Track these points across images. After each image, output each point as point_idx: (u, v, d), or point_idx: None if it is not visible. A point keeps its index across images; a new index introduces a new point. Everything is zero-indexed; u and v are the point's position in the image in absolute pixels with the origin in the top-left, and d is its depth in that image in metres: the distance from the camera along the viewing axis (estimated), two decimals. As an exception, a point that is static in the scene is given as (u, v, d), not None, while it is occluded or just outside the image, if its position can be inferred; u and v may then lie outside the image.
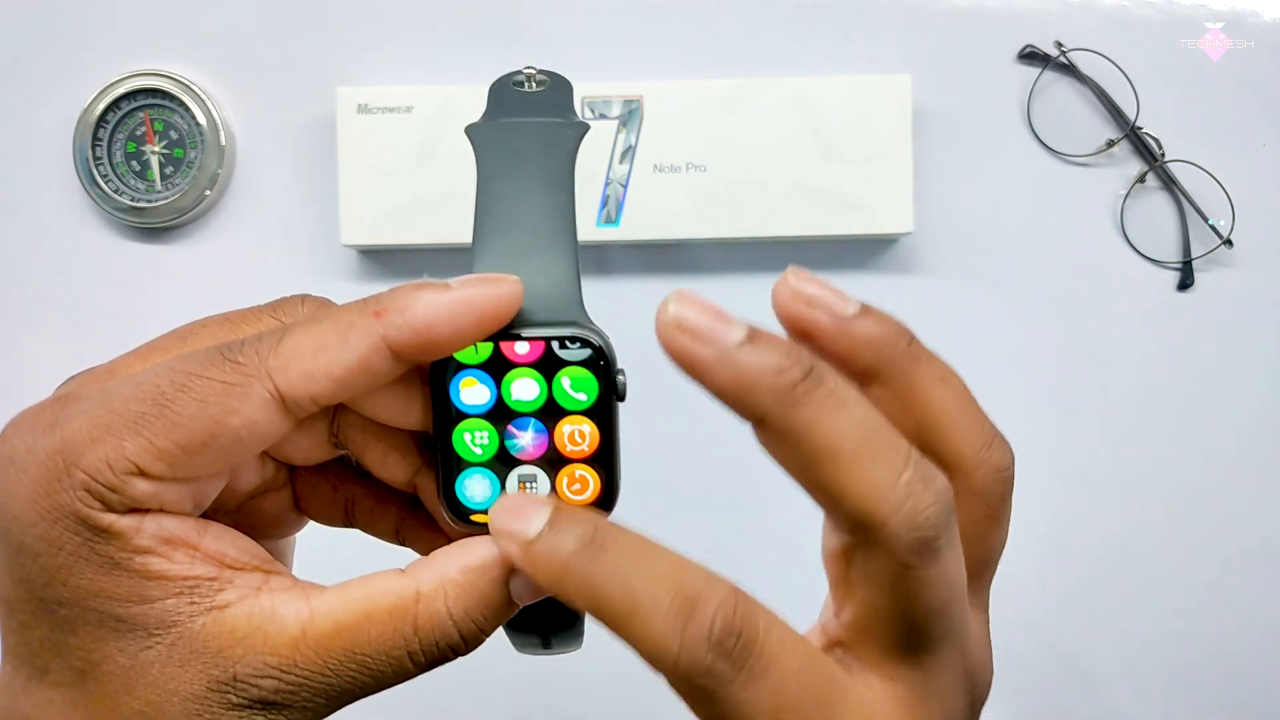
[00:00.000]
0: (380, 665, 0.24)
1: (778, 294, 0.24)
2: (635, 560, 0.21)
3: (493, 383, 0.25)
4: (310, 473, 0.29)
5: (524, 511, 0.22)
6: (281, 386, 0.24)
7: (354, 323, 0.24)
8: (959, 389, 0.25)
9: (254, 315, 0.27)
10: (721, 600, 0.21)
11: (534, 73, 0.29)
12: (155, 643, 0.24)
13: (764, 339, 0.22)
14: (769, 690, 0.21)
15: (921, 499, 0.22)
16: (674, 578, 0.21)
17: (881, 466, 0.22)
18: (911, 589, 0.22)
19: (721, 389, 0.22)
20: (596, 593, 0.21)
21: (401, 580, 0.25)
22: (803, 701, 0.21)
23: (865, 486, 0.22)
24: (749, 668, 0.21)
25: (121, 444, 0.23)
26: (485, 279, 0.25)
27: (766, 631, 0.21)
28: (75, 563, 0.23)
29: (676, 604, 0.21)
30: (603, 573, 0.21)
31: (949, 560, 0.22)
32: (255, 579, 0.25)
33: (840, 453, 0.21)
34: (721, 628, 0.21)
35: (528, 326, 0.25)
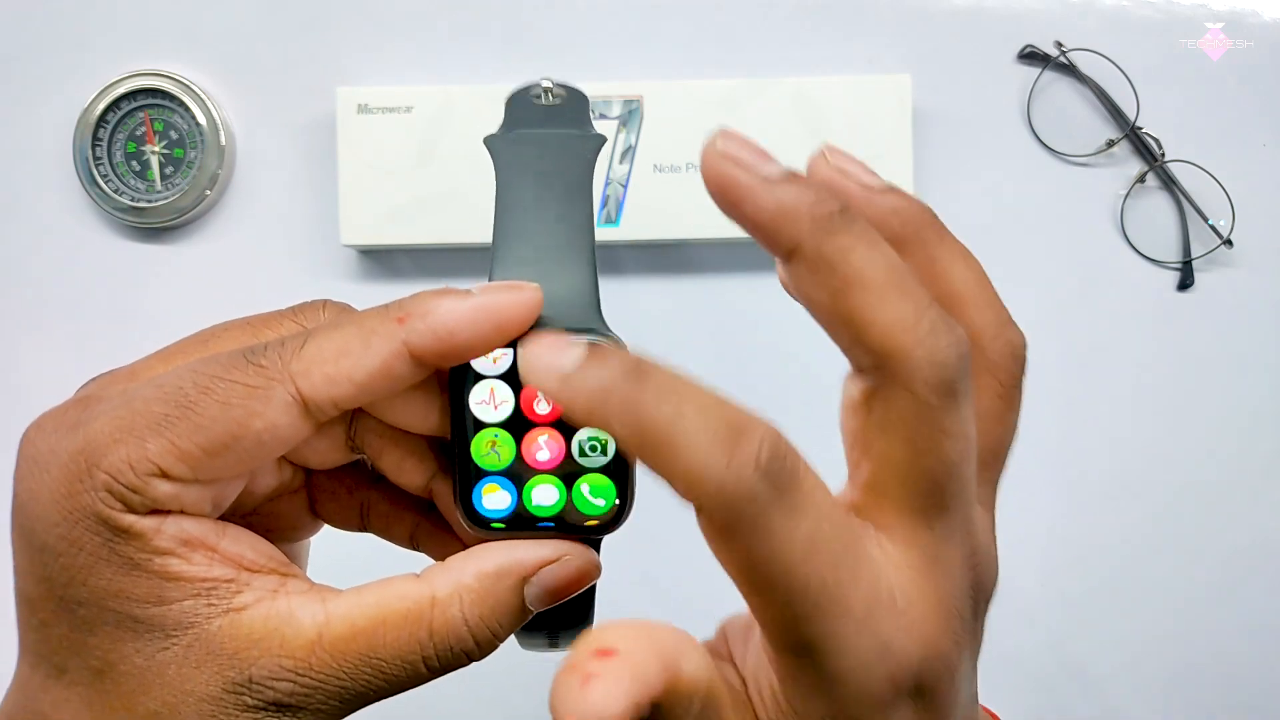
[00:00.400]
0: (395, 669, 0.25)
1: (814, 163, 0.24)
2: (680, 387, 0.21)
3: (511, 390, 0.26)
4: (327, 476, 0.30)
5: (559, 345, 0.21)
6: (304, 390, 0.24)
7: (376, 328, 0.24)
8: (977, 270, 0.25)
9: (275, 319, 0.27)
10: (767, 430, 0.21)
11: (550, 86, 0.30)
12: (172, 644, 0.24)
13: (803, 178, 0.22)
14: (807, 523, 0.21)
15: (944, 338, 0.22)
16: (719, 407, 0.21)
17: (908, 302, 0.22)
18: (929, 433, 0.22)
19: (759, 215, 0.22)
20: (641, 418, 0.20)
21: (417, 585, 0.25)
22: (834, 542, 0.21)
23: (891, 316, 0.22)
24: (790, 497, 0.21)
25: (144, 445, 0.23)
26: (507, 286, 0.25)
27: (805, 469, 0.21)
28: (95, 563, 0.23)
29: (724, 428, 0.20)
30: (647, 397, 0.21)
31: (965, 411, 0.22)
32: (272, 582, 0.25)
33: (870, 281, 0.22)
34: (769, 453, 0.21)
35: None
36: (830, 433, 0.25)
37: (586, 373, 0.21)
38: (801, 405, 0.54)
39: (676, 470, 0.20)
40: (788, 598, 0.21)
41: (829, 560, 0.21)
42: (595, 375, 0.21)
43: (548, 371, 0.21)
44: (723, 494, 0.20)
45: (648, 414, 0.20)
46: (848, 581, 0.21)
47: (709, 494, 0.20)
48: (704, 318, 0.59)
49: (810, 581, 0.21)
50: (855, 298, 0.22)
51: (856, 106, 0.56)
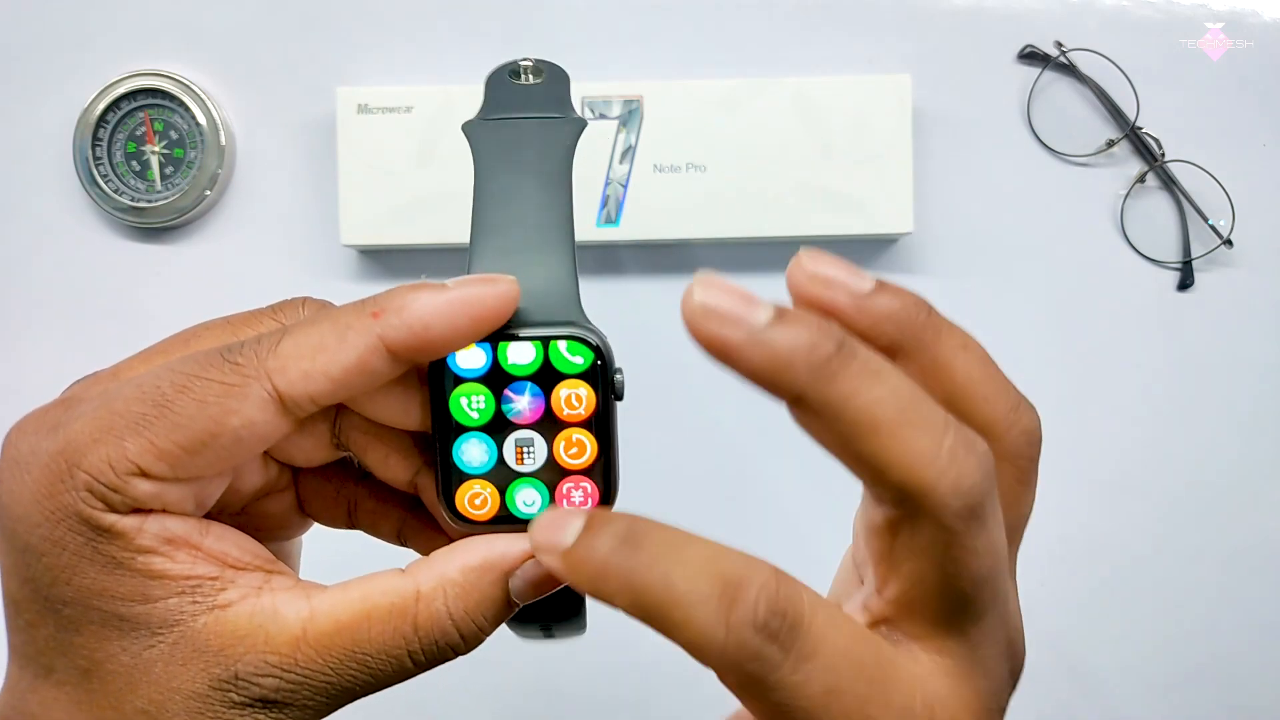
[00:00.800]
0: (380, 664, 0.25)
1: (793, 276, 0.23)
2: (672, 551, 0.21)
3: (490, 386, 0.25)
4: (313, 474, 0.30)
5: (560, 522, 0.22)
6: (280, 387, 0.24)
7: (351, 323, 0.24)
8: (981, 355, 0.24)
9: (255, 317, 0.27)
10: (764, 583, 0.21)
11: (530, 64, 0.29)
12: (158, 642, 0.24)
13: (792, 316, 0.22)
14: (820, 669, 0.21)
15: (966, 464, 0.21)
16: (713, 565, 0.21)
17: (924, 434, 0.21)
18: (959, 557, 0.22)
19: (755, 370, 0.21)
20: (636, 589, 0.21)
21: (402, 580, 0.25)
22: (855, 679, 0.21)
23: (909, 455, 0.21)
24: (798, 649, 0.21)
25: (123, 445, 0.23)
26: (482, 279, 0.25)
27: (812, 611, 0.21)
28: (79, 562, 0.23)
29: (718, 591, 0.20)
30: (640, 567, 0.21)
31: (994, 526, 0.22)
32: (257, 578, 0.25)
33: (881, 423, 0.21)
34: (766, 610, 0.20)
35: (525, 326, 0.25)
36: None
37: (582, 548, 0.21)
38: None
39: (680, 640, 0.21)
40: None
41: (853, 698, 0.21)
42: (590, 550, 0.21)
43: (550, 553, 0.22)
44: (727, 659, 0.20)
45: (642, 585, 0.21)
46: (878, 711, 0.21)
47: (715, 659, 0.21)
48: (704, 318, 0.59)
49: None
50: (868, 442, 0.21)
51: (856, 106, 0.56)
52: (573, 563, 0.21)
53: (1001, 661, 0.24)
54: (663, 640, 0.21)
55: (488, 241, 0.26)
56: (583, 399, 0.25)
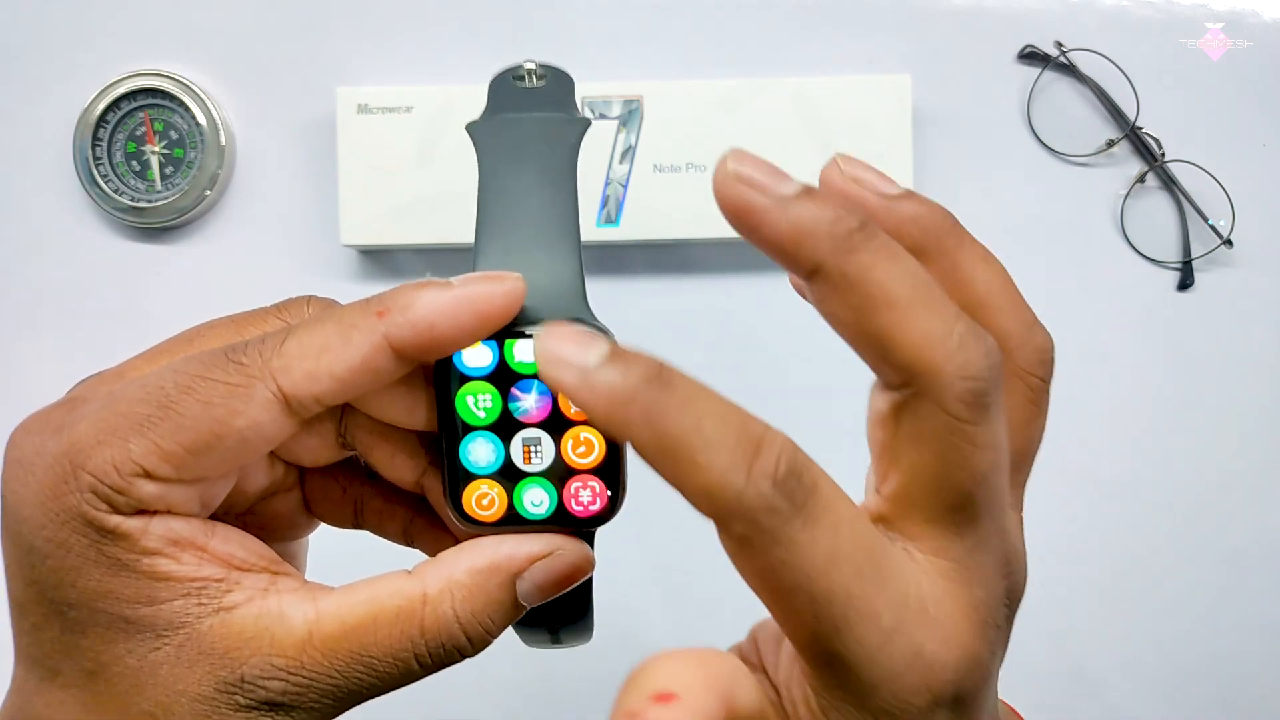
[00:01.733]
0: (387, 667, 0.24)
1: (828, 174, 0.24)
2: (699, 398, 0.21)
3: (497, 384, 0.25)
4: (319, 474, 0.29)
5: (581, 338, 0.21)
6: (285, 387, 0.24)
7: (356, 322, 0.24)
8: (1000, 270, 0.25)
9: (260, 317, 0.27)
10: (784, 443, 0.21)
11: (534, 67, 0.29)
12: (164, 644, 0.24)
13: (819, 194, 0.22)
14: (826, 534, 0.21)
15: (974, 351, 0.21)
16: (738, 419, 0.21)
17: (935, 316, 0.21)
18: (960, 447, 0.22)
19: (778, 237, 0.22)
20: (664, 425, 0.20)
21: (408, 582, 0.25)
22: (855, 552, 0.21)
23: (919, 333, 0.21)
24: (809, 509, 0.21)
25: (127, 446, 0.23)
26: (487, 277, 0.25)
27: (824, 481, 0.21)
28: (83, 564, 0.23)
29: (743, 441, 0.20)
30: (671, 404, 0.20)
31: (996, 422, 0.22)
32: (263, 580, 0.25)
33: (895, 299, 0.21)
34: (786, 466, 0.20)
35: (531, 324, 0.25)
36: (832, 433, 0.25)
37: (609, 372, 0.20)
38: (801, 405, 0.54)
39: (695, 483, 0.20)
40: (812, 609, 0.21)
41: (852, 570, 0.21)
42: (618, 377, 0.20)
43: (567, 365, 0.20)
44: (741, 507, 0.20)
45: (670, 424, 0.20)
46: (873, 591, 0.21)
47: (728, 507, 0.20)
48: (704, 318, 0.59)
49: (834, 592, 0.21)
50: (881, 316, 0.21)
51: (856, 106, 0.56)
52: (595, 384, 0.20)
53: (998, 576, 0.23)
54: (666, 638, 0.21)
55: (493, 239, 0.26)
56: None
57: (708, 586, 0.56)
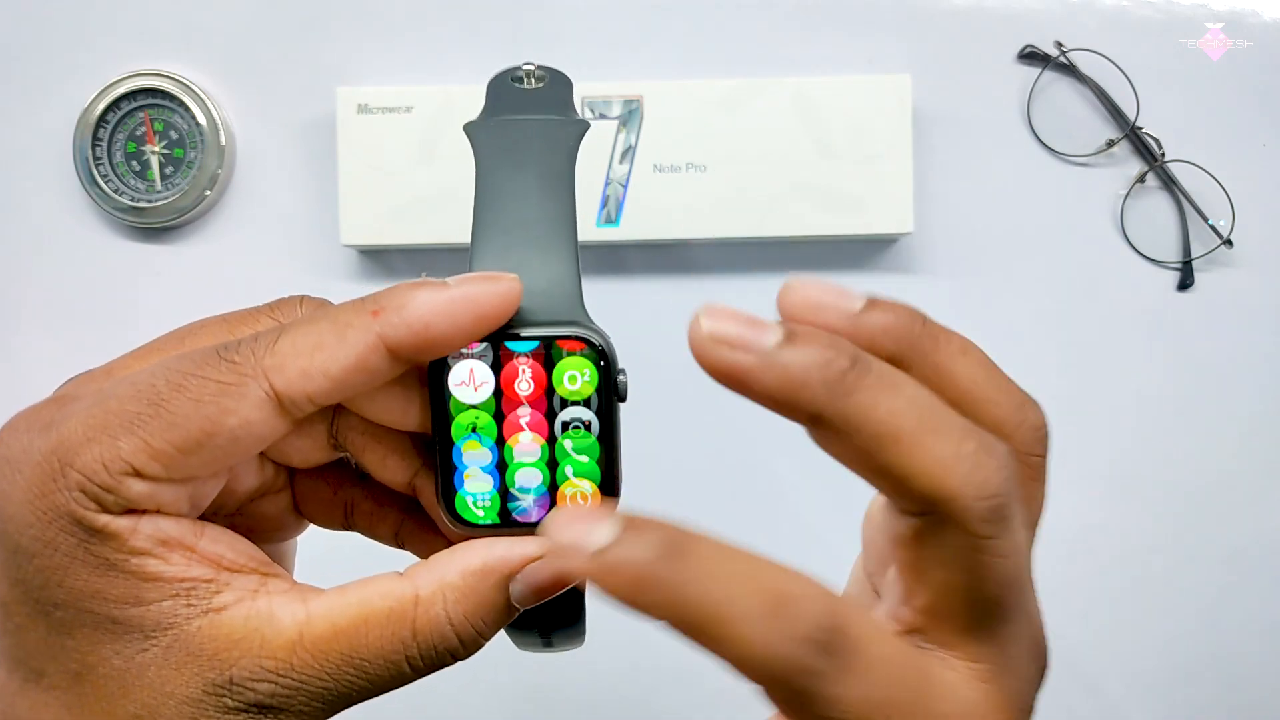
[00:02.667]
0: (378, 669, 0.24)
1: (784, 303, 0.23)
2: (719, 564, 0.20)
3: (492, 385, 0.25)
4: (310, 475, 0.29)
5: (589, 520, 0.20)
6: (278, 386, 0.23)
7: (351, 321, 0.24)
8: (981, 358, 0.24)
9: (252, 316, 0.27)
10: (812, 596, 0.21)
11: (533, 69, 0.29)
12: (151, 645, 0.23)
13: (802, 336, 0.21)
14: (865, 682, 0.21)
15: (988, 466, 0.21)
16: (758, 579, 0.20)
17: (945, 441, 0.21)
18: (987, 562, 0.22)
19: (771, 393, 0.21)
20: (682, 602, 0.20)
21: (400, 584, 0.25)
22: (899, 691, 0.21)
23: (932, 462, 0.21)
24: (843, 661, 0.20)
25: (116, 444, 0.23)
26: (483, 277, 0.24)
27: (858, 625, 0.21)
28: (71, 564, 0.23)
29: (769, 605, 0.20)
30: (689, 579, 0.20)
31: (1017, 528, 0.22)
32: (252, 581, 0.25)
33: (902, 433, 0.21)
34: (814, 624, 0.20)
35: (527, 326, 0.25)
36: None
37: (621, 552, 0.20)
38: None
39: (727, 655, 0.20)
40: None
41: (896, 709, 0.21)
42: (631, 555, 0.20)
43: (574, 553, 0.20)
44: (776, 674, 0.20)
45: (692, 599, 0.20)
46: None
47: (762, 674, 0.20)
48: (704, 318, 0.59)
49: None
50: (889, 452, 0.21)
51: (856, 106, 0.56)
52: (607, 569, 0.20)
53: (1029, 661, 0.24)
54: (663, 640, 0.21)
55: (489, 240, 0.26)
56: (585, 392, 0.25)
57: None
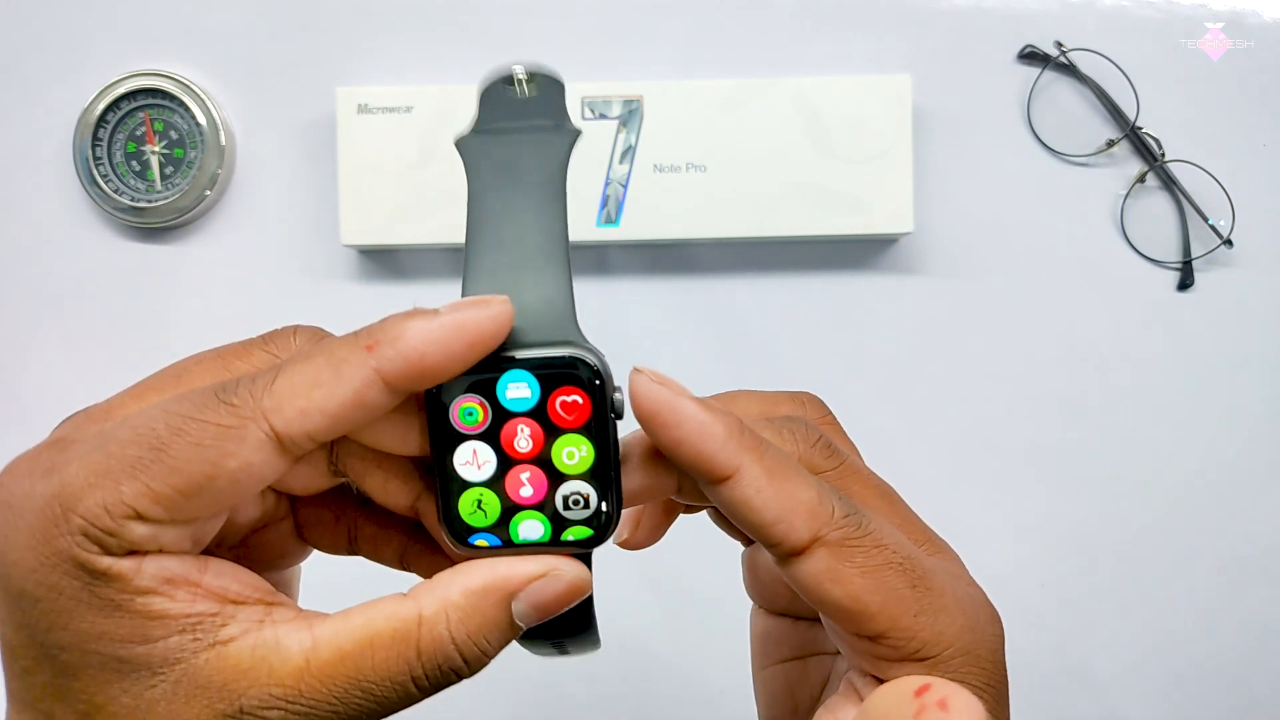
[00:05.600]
0: (385, 691, 0.24)
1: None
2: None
3: (488, 406, 0.25)
4: (311, 502, 0.29)
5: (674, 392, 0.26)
6: (277, 427, 0.23)
7: (346, 357, 0.24)
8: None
9: (246, 350, 0.27)
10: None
11: (523, 75, 0.29)
12: (159, 681, 0.24)
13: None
14: (881, 524, 0.26)
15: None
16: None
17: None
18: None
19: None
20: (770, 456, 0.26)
21: (404, 604, 0.25)
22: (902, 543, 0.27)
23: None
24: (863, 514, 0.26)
25: (118, 488, 0.23)
26: (474, 302, 0.24)
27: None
28: (75, 606, 0.23)
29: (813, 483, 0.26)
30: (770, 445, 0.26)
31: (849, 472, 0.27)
32: (258, 612, 0.25)
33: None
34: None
35: (521, 348, 0.25)
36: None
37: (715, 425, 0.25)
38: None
39: (800, 500, 0.25)
40: (908, 568, 0.26)
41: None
42: (721, 427, 0.25)
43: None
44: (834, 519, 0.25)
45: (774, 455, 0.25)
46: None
47: (826, 519, 0.25)
48: (704, 318, 0.59)
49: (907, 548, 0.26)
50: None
51: (856, 106, 0.56)
52: (704, 431, 0.26)
53: (992, 627, 0.27)
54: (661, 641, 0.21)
55: (482, 260, 0.26)
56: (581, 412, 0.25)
57: (706, 588, 0.56)
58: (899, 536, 0.26)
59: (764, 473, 0.25)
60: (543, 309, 0.25)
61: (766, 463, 0.25)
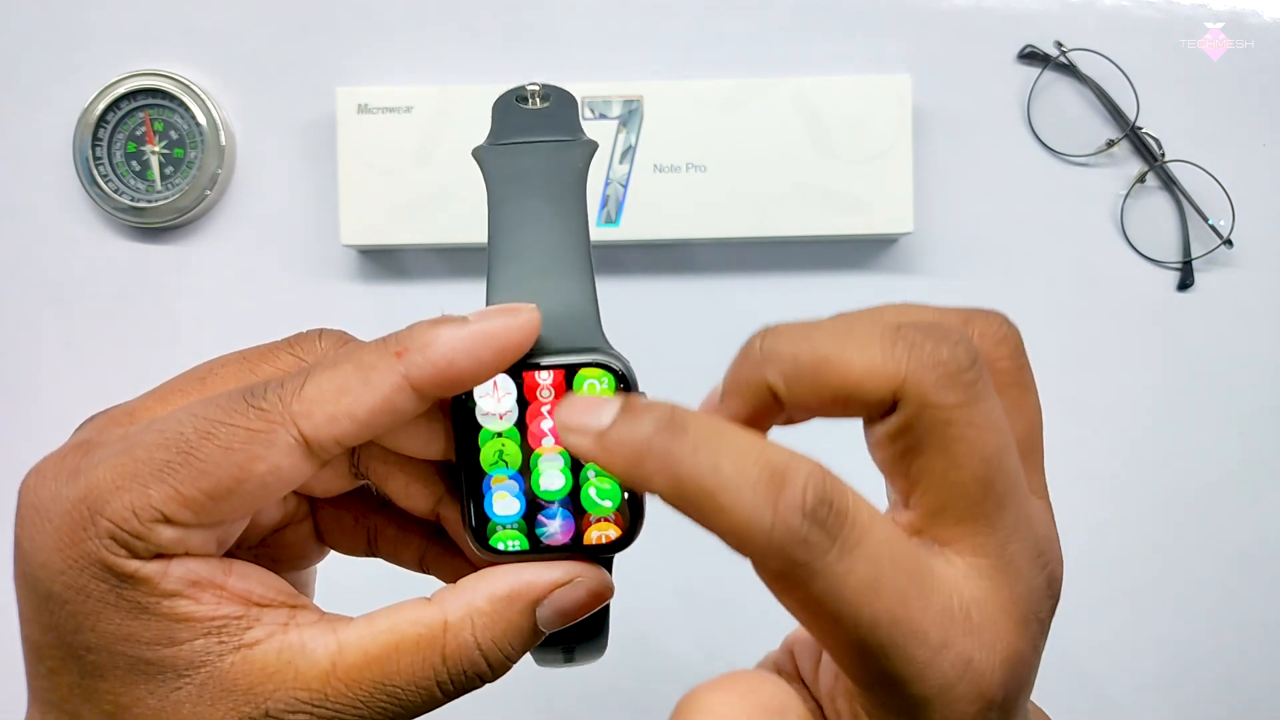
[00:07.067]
0: (410, 695, 0.25)
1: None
2: (718, 437, 0.21)
3: (516, 414, 0.25)
4: (332, 504, 0.30)
5: (594, 404, 0.21)
6: (306, 431, 0.24)
7: (375, 364, 0.24)
8: (910, 310, 0.24)
9: (271, 353, 0.27)
10: (810, 471, 0.21)
11: (537, 89, 0.29)
12: (185, 683, 0.24)
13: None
14: (865, 561, 0.21)
15: (926, 343, 0.21)
16: (759, 452, 0.21)
17: (865, 347, 0.21)
18: (960, 435, 0.21)
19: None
20: (681, 472, 0.20)
21: (429, 609, 0.25)
22: (896, 573, 0.21)
23: (860, 369, 0.21)
24: (844, 537, 0.20)
25: (147, 492, 0.23)
26: (503, 310, 0.25)
27: (856, 504, 0.21)
28: (103, 609, 0.23)
29: (765, 476, 0.20)
30: (686, 450, 0.20)
31: (987, 401, 0.22)
32: (282, 615, 0.25)
33: (825, 355, 0.22)
34: (814, 496, 0.20)
35: (547, 354, 0.25)
36: (834, 430, 0.25)
37: (621, 430, 0.21)
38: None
39: (722, 525, 0.20)
40: (858, 636, 0.21)
41: (894, 594, 0.21)
42: (630, 432, 0.21)
43: (581, 433, 0.21)
44: (772, 544, 0.20)
45: (686, 469, 0.20)
46: (917, 611, 0.21)
47: (758, 546, 0.20)
48: (704, 318, 0.59)
49: (878, 618, 0.21)
50: (825, 380, 0.22)
51: (856, 106, 0.56)
52: (609, 444, 0.21)
53: (1034, 567, 0.23)
54: (663, 639, 0.21)
55: (505, 269, 0.26)
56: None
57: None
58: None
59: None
60: (567, 315, 0.26)
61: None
